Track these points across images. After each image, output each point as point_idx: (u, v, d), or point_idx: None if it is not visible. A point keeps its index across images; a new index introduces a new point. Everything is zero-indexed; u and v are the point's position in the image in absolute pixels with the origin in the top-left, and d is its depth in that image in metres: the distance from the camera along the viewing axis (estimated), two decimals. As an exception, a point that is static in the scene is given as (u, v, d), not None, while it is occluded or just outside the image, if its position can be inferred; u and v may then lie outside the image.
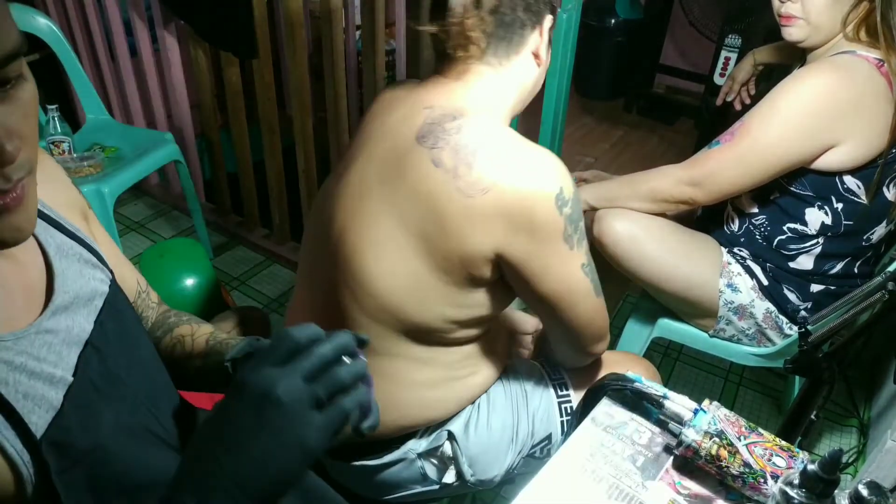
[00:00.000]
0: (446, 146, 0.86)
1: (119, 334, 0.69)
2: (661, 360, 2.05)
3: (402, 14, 1.92)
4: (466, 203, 0.85)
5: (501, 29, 0.90)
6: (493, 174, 0.85)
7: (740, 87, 1.69)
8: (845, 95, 1.20)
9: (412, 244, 0.90)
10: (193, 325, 0.88)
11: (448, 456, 1.08)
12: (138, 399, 0.69)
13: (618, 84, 3.51)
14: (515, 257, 0.88)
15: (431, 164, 0.86)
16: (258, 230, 2.47)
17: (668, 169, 1.37)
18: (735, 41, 2.69)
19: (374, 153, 0.94)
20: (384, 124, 0.95)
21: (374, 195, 0.92)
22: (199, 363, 0.84)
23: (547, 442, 1.11)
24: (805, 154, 1.24)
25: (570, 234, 0.89)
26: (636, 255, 1.37)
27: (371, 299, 0.94)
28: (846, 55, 1.22)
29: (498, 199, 0.85)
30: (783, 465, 0.78)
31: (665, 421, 0.89)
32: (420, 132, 0.89)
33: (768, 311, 1.37)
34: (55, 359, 0.60)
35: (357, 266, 0.93)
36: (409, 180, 0.88)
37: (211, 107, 2.29)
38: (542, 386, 1.13)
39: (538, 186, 0.85)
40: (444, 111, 0.90)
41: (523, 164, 0.86)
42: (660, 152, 3.20)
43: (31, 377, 0.57)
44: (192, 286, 1.89)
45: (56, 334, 0.62)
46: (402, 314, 0.94)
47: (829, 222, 1.29)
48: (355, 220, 0.93)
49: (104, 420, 0.63)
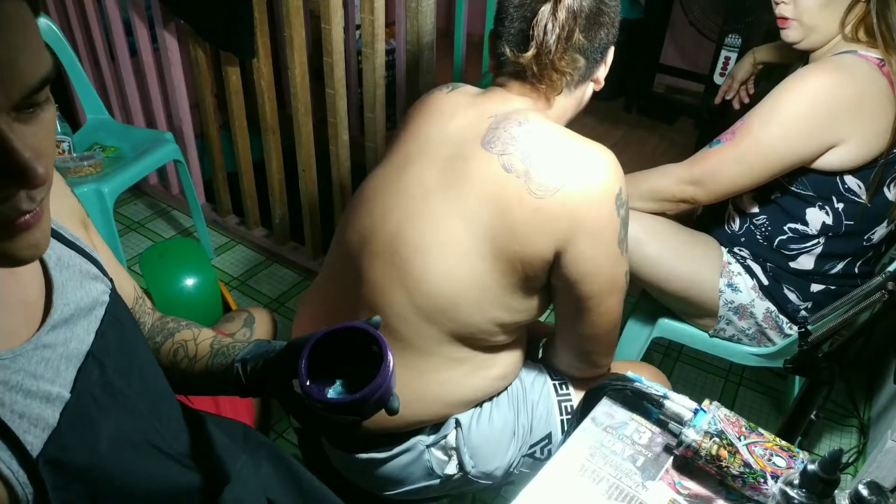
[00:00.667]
0: (516, 151, 0.91)
1: (120, 345, 0.69)
2: (661, 360, 2.05)
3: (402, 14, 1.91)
4: (537, 204, 0.89)
5: (583, 67, 0.96)
6: (561, 175, 0.89)
7: (740, 85, 1.69)
8: (846, 95, 1.20)
9: (477, 247, 0.93)
10: (195, 329, 0.88)
11: (451, 446, 1.08)
12: (139, 409, 0.68)
13: (618, 84, 3.50)
14: (573, 255, 0.92)
15: (502, 169, 0.91)
16: (258, 230, 2.47)
17: (668, 168, 1.37)
18: (735, 41, 2.69)
19: (436, 158, 0.97)
20: (445, 130, 0.99)
21: (438, 198, 0.95)
22: (204, 366, 0.84)
23: (547, 441, 1.11)
24: (806, 153, 1.24)
25: (622, 238, 0.94)
26: (636, 255, 1.37)
27: (427, 299, 0.96)
28: (848, 55, 1.21)
29: (566, 198, 0.89)
30: (783, 465, 0.78)
31: (665, 421, 0.89)
32: (485, 139, 0.94)
33: (768, 311, 1.37)
34: (52, 375, 0.60)
35: (419, 267, 0.95)
36: (476, 186, 0.92)
37: (211, 107, 2.29)
38: (543, 384, 1.14)
39: (602, 185, 0.90)
40: (509, 117, 0.94)
41: (589, 163, 0.91)
42: (660, 152, 3.20)
43: (27, 396, 0.57)
44: (192, 286, 1.89)
45: (54, 349, 0.61)
46: (455, 315, 0.97)
47: (829, 222, 1.29)
48: (417, 221, 0.96)
49: (102, 434, 0.62)
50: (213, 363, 0.83)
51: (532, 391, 1.12)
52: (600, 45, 0.96)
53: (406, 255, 0.96)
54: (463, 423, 1.07)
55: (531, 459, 1.13)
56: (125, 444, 0.65)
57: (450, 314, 0.97)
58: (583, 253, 0.92)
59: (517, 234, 0.91)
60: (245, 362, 0.79)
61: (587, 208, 0.90)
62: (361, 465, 1.10)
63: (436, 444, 1.09)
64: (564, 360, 1.12)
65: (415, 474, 1.10)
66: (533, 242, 0.91)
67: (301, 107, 2.01)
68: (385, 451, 1.08)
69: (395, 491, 1.12)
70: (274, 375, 0.76)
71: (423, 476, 1.10)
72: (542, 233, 0.90)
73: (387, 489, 1.12)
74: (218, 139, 2.36)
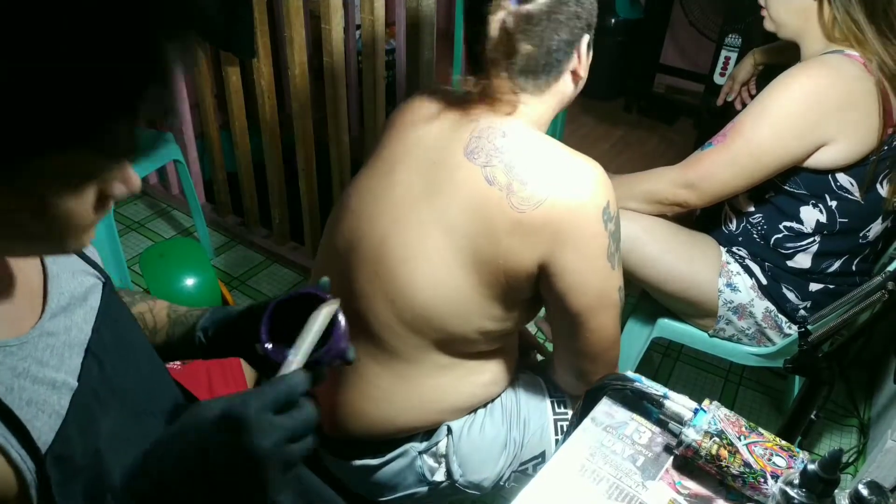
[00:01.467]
0: (500, 163, 0.89)
1: (116, 341, 0.70)
2: (661, 360, 2.05)
3: (402, 14, 1.91)
4: (519, 218, 0.87)
5: (534, 76, 0.91)
6: (544, 189, 0.87)
7: (741, 87, 1.70)
8: (833, 94, 1.21)
9: (459, 258, 0.92)
10: (149, 301, 0.89)
11: (441, 453, 1.08)
12: (138, 405, 0.69)
13: (618, 84, 3.51)
14: (558, 269, 0.90)
15: (485, 182, 0.89)
16: (258, 230, 2.47)
17: (663, 171, 1.38)
18: (735, 41, 2.69)
19: (421, 163, 0.95)
20: (428, 135, 0.97)
21: (421, 208, 0.93)
22: (164, 336, 0.85)
23: (540, 460, 1.11)
24: (796, 153, 1.24)
25: (612, 252, 0.91)
26: (636, 255, 1.37)
27: (411, 309, 0.95)
28: (834, 55, 1.23)
29: (548, 212, 0.87)
30: (783, 464, 0.78)
31: (665, 421, 0.89)
32: (468, 147, 0.91)
33: (768, 311, 1.37)
34: (57, 362, 0.61)
35: (402, 277, 0.94)
36: (460, 197, 0.90)
37: (211, 107, 2.29)
38: (540, 400, 1.13)
39: (587, 199, 0.88)
40: (492, 125, 0.92)
41: (573, 177, 0.89)
42: (660, 152, 3.20)
43: (35, 382, 0.58)
44: (192, 286, 1.89)
45: (57, 336, 0.62)
46: (439, 325, 0.96)
47: (824, 220, 1.29)
48: (403, 229, 0.94)
49: (101, 430, 0.63)
50: (173, 332, 0.85)
51: (527, 406, 1.12)
52: (560, 44, 0.90)
53: (390, 264, 0.95)
54: (454, 430, 1.07)
55: (523, 476, 1.12)
56: (122, 440, 0.65)
57: (434, 324, 0.96)
58: (568, 267, 0.90)
59: (500, 247, 0.89)
60: (206, 330, 0.82)
61: (571, 222, 0.87)
62: (356, 471, 1.10)
63: (428, 451, 1.08)
64: (563, 378, 1.11)
65: (407, 480, 1.10)
66: (516, 256, 0.89)
67: (301, 107, 2.01)
68: (378, 457, 1.08)
69: (388, 497, 1.12)
70: (236, 339, 0.79)
71: (415, 482, 1.10)
72: (525, 246, 0.89)
73: (380, 495, 1.13)
74: (218, 139, 2.36)
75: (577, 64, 0.95)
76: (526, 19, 0.87)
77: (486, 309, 0.95)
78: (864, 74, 1.20)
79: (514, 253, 0.89)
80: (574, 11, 0.89)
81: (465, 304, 0.94)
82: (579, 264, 0.90)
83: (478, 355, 1.04)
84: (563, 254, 0.89)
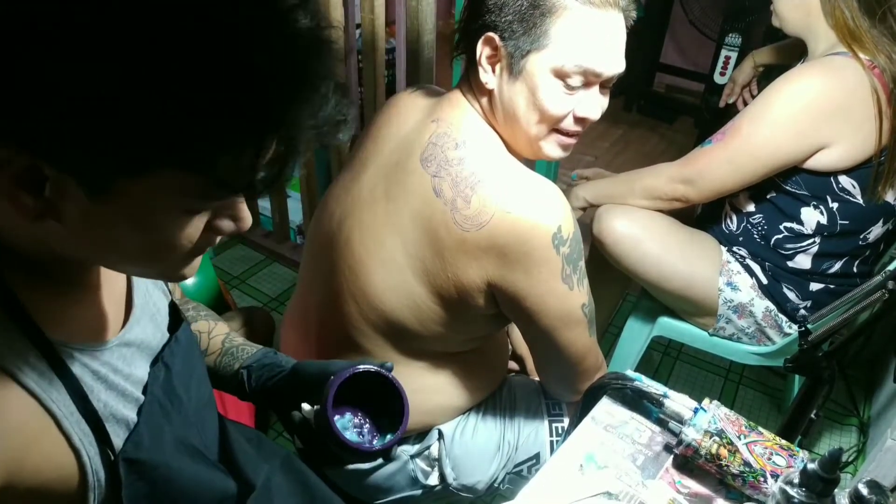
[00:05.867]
0: (447, 176, 0.85)
1: (185, 353, 0.71)
2: (661, 358, 2.05)
3: (402, 14, 1.91)
4: (463, 237, 0.84)
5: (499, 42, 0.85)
6: (489, 209, 0.83)
7: (742, 88, 1.70)
8: (834, 97, 1.20)
9: (411, 266, 0.90)
10: (210, 322, 0.90)
11: (434, 457, 1.08)
12: (189, 415, 0.70)
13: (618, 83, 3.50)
14: (511, 292, 0.87)
15: (432, 192, 0.86)
16: (258, 230, 2.47)
17: (662, 167, 1.38)
18: (735, 40, 2.69)
19: (385, 164, 0.94)
20: (398, 134, 0.95)
21: (381, 209, 0.92)
22: (212, 363, 0.86)
23: (535, 461, 1.10)
24: (795, 154, 1.24)
25: (568, 274, 0.86)
26: (636, 254, 1.37)
27: (374, 313, 0.95)
28: (839, 56, 1.22)
29: (492, 234, 0.83)
30: (783, 463, 0.79)
31: (665, 420, 0.89)
32: (424, 153, 0.88)
33: (768, 310, 1.37)
34: (128, 372, 0.62)
35: (363, 279, 0.94)
36: (411, 203, 0.88)
37: (211, 106, 2.29)
38: (534, 402, 1.12)
39: (534, 223, 0.82)
40: (449, 132, 0.88)
41: (522, 199, 0.83)
42: (660, 151, 3.20)
43: (109, 388, 0.59)
44: (192, 286, 1.89)
45: (131, 346, 0.63)
46: (402, 328, 0.94)
47: (824, 222, 1.29)
48: (364, 232, 0.93)
49: (166, 437, 0.64)
50: (220, 362, 0.85)
51: (521, 408, 1.11)
52: (516, 15, 0.82)
53: (353, 266, 0.94)
54: (446, 434, 1.06)
55: (518, 478, 1.12)
56: (181, 447, 0.66)
57: (397, 327, 0.94)
58: (521, 289, 0.86)
59: (446, 263, 0.86)
60: (250, 371, 0.82)
61: (517, 248, 0.83)
62: (349, 475, 1.10)
63: (419, 455, 1.08)
64: (550, 388, 1.11)
65: (400, 483, 1.09)
66: (463, 272, 0.86)
67: (301, 106, 2.00)
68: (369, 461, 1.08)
69: (383, 500, 1.12)
70: (278, 398, 0.80)
71: (409, 485, 1.10)
72: (471, 266, 0.85)
73: (376, 498, 1.12)
74: (218, 139, 2.36)
75: (483, 72, 0.87)
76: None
77: (443, 317, 0.92)
78: (867, 76, 1.19)
79: (461, 270, 0.86)
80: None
81: (422, 312, 0.92)
82: (533, 289, 0.86)
83: (459, 357, 1.02)
84: (514, 277, 0.85)
